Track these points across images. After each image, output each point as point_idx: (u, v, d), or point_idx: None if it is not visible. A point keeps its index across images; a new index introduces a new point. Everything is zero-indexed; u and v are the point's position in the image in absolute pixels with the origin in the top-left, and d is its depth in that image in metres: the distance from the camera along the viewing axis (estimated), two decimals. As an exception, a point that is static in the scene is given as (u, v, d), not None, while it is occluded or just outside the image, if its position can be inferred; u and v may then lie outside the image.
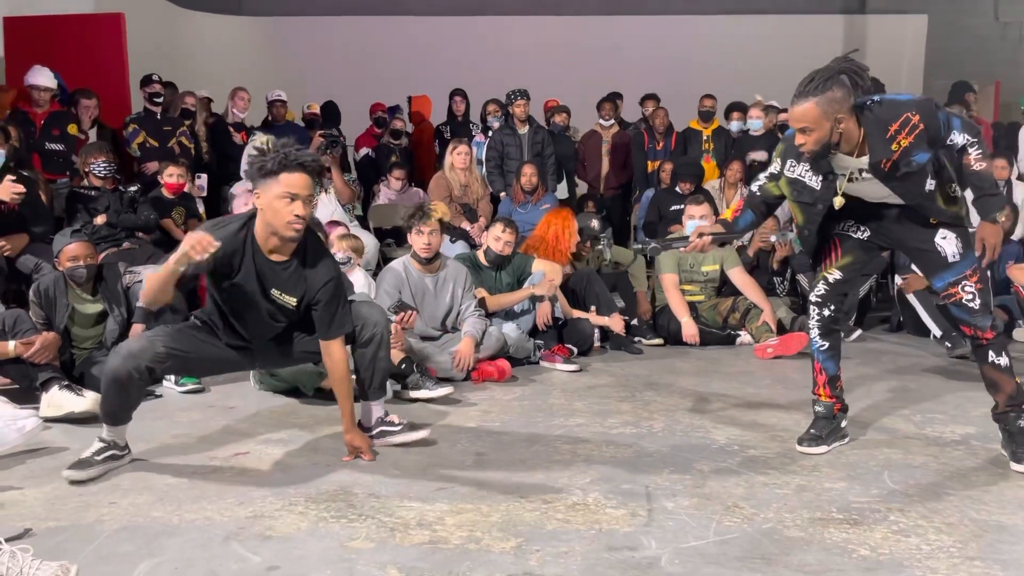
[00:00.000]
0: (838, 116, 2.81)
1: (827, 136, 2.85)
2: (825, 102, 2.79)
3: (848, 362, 4.91)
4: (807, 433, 3.30)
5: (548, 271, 4.98)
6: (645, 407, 3.95)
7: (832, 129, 2.84)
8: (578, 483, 2.92)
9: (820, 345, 3.33)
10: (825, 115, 2.80)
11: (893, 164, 2.88)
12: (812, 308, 3.30)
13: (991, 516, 2.62)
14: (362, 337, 3.21)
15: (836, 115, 2.81)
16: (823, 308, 3.27)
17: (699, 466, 3.09)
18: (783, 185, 3.21)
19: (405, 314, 4.22)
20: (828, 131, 2.84)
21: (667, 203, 6.89)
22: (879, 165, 2.89)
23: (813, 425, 3.34)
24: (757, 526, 2.54)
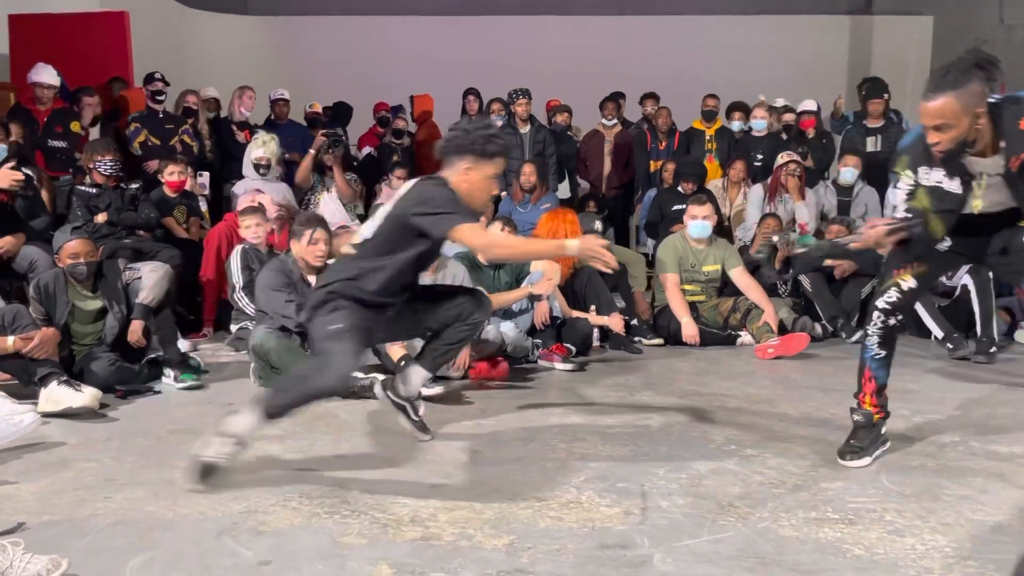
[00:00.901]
0: (976, 111, 2.64)
1: (964, 133, 2.67)
2: (964, 96, 2.61)
3: (847, 362, 4.91)
4: (848, 445, 3.14)
5: (547, 270, 4.97)
6: (643, 407, 3.94)
7: (971, 125, 2.66)
8: (573, 481, 2.91)
9: (875, 353, 3.17)
10: (964, 110, 2.62)
11: (1021, 164, 2.71)
12: (878, 315, 3.11)
13: (987, 517, 2.60)
14: (469, 317, 3.21)
15: (975, 109, 2.64)
16: (890, 316, 3.10)
17: (695, 465, 3.07)
18: (922, 196, 2.94)
19: None
20: (967, 127, 2.66)
21: (669, 203, 6.88)
22: (1009, 165, 2.73)
23: (853, 436, 3.17)
24: (752, 525, 2.53)
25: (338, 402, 3.88)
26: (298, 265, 4.45)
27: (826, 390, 4.26)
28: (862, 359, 3.23)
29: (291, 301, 4.25)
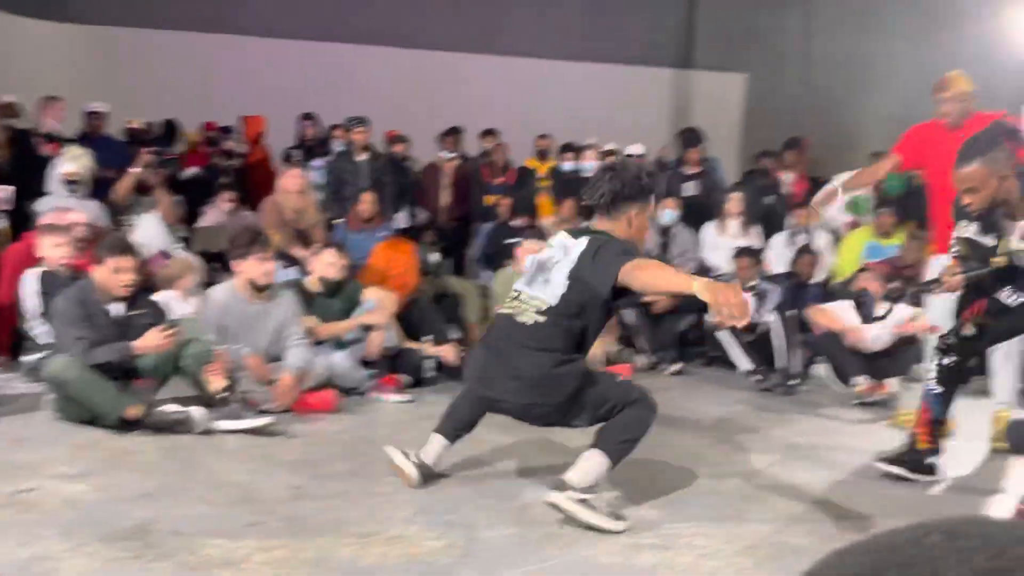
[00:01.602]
0: (1003, 174, 3.01)
1: (992, 194, 3.03)
2: (989, 162, 2.99)
3: (667, 393, 5.15)
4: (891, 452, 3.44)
5: (381, 299, 4.92)
6: (474, 437, 3.92)
7: (999, 187, 3.02)
8: (399, 516, 2.86)
9: (933, 389, 3.37)
10: (991, 174, 2.99)
11: None
12: (935, 352, 3.38)
13: (787, 538, 2.79)
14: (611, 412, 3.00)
15: (1000, 173, 3.01)
16: (944, 356, 3.33)
17: (524, 494, 3.10)
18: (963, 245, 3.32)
19: None
20: (994, 189, 3.02)
21: (504, 236, 7.01)
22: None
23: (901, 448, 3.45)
24: (575, 553, 2.58)
25: (145, 436, 3.62)
26: (98, 292, 4.05)
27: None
28: (923, 392, 3.47)
29: (82, 338, 3.85)
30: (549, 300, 2.98)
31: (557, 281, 2.99)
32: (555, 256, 3.05)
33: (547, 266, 3.07)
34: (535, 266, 3.13)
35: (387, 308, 4.95)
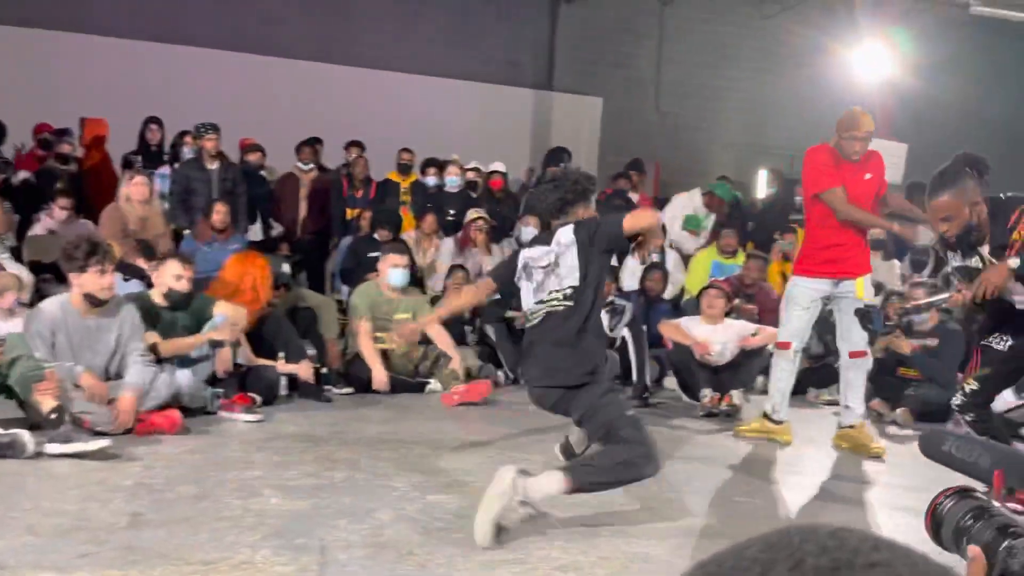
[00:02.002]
0: (972, 201, 3.15)
1: (965, 220, 3.16)
2: (959, 192, 3.14)
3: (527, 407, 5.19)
4: None
5: (230, 314, 4.71)
6: (329, 457, 3.83)
7: (970, 213, 3.16)
8: (247, 540, 2.73)
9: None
10: (962, 203, 3.13)
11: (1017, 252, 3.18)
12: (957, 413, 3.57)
13: (639, 548, 2.86)
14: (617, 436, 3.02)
15: (971, 200, 3.14)
16: (964, 414, 3.49)
17: (378, 515, 3.04)
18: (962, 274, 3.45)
19: None
20: (966, 216, 3.16)
21: (365, 250, 6.90)
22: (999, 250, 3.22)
23: None
24: (430, 572, 2.54)
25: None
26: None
27: (506, 434, 4.47)
28: None
29: None
30: (572, 282, 3.22)
31: (570, 265, 3.23)
32: (552, 253, 3.28)
33: (550, 267, 3.29)
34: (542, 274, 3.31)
35: (237, 323, 4.75)
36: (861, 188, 4.42)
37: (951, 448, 1.06)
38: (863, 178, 4.44)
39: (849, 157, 4.38)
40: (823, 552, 0.36)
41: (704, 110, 12.34)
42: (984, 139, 12.42)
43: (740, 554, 0.38)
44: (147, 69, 9.57)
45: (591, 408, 3.11)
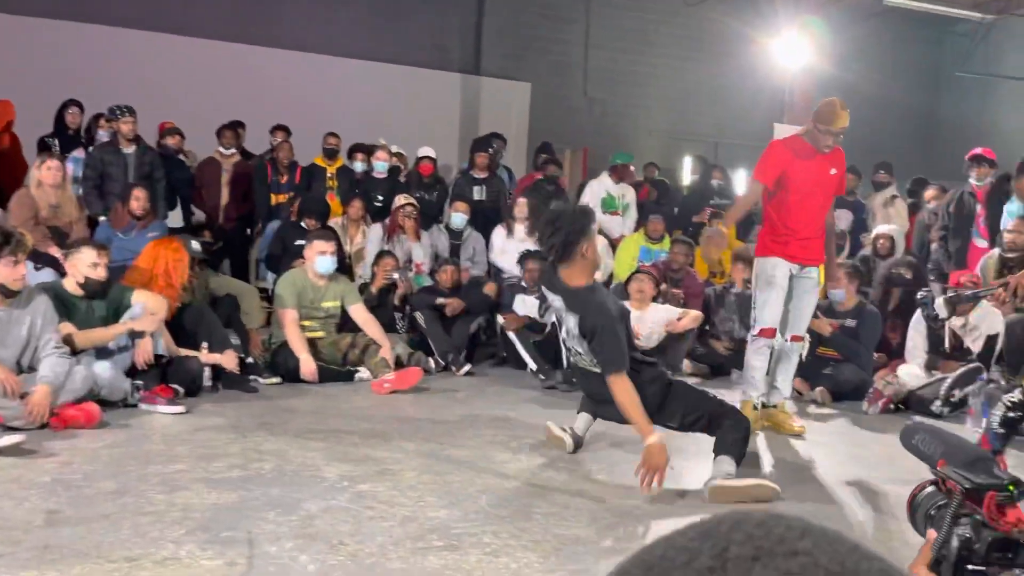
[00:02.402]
0: None
1: None
2: None
3: (457, 394, 5.22)
4: None
5: (150, 303, 4.56)
6: (256, 448, 3.76)
7: None
8: (171, 536, 2.66)
9: (996, 429, 3.52)
10: None
11: None
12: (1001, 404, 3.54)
13: (569, 530, 2.90)
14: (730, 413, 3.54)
15: None
16: (1011, 412, 3.50)
17: (307, 505, 3.00)
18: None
19: None
20: None
21: (291, 236, 6.76)
22: None
23: None
24: (360, 561, 2.52)
25: None
26: None
27: (437, 422, 4.46)
28: (986, 426, 3.68)
29: None
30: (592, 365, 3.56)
31: (584, 349, 3.55)
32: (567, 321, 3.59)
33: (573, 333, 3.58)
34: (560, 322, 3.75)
35: (157, 313, 4.61)
36: (825, 181, 4.44)
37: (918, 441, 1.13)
38: (828, 172, 4.44)
39: (820, 149, 4.37)
40: (747, 540, 0.37)
41: (630, 96, 12.48)
42: (897, 126, 12.93)
43: (672, 542, 0.38)
44: (62, 50, 9.16)
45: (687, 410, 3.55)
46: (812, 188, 4.42)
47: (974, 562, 0.93)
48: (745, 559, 0.36)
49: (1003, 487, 0.96)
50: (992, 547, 0.93)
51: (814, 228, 4.51)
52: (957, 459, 1.05)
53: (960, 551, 0.93)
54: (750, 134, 11.57)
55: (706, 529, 0.38)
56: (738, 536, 0.37)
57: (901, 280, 6.09)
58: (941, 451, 1.07)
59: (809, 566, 0.35)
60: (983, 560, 0.93)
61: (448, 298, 6.18)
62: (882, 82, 12.07)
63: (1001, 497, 0.95)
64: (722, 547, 0.37)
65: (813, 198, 4.45)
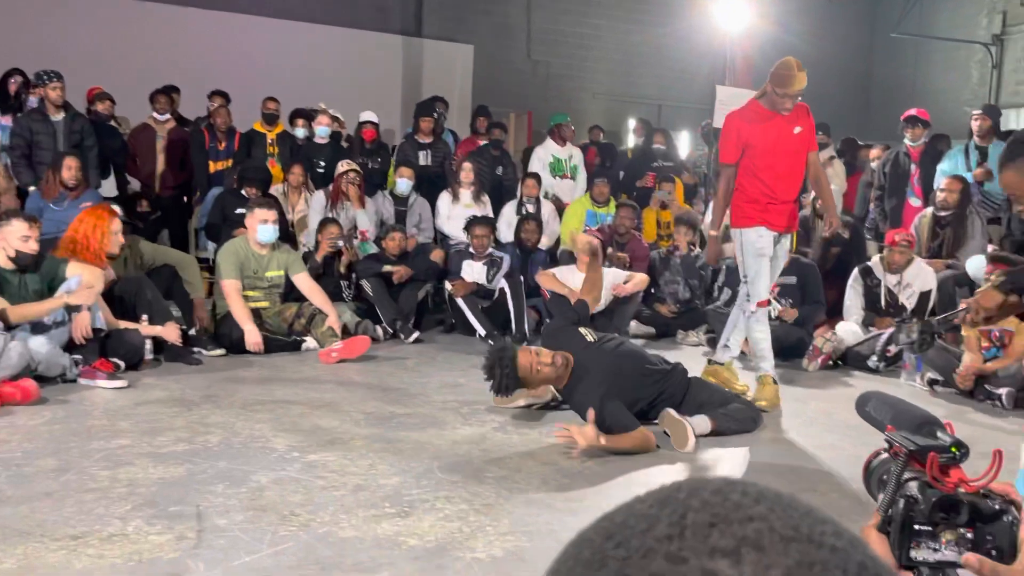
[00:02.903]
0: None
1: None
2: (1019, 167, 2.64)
3: (406, 362, 5.20)
4: None
5: (86, 276, 4.43)
6: (202, 421, 3.71)
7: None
8: (117, 512, 2.62)
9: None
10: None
11: None
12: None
13: (522, 493, 2.94)
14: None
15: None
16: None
17: (256, 477, 2.97)
18: None
19: None
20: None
21: (232, 205, 6.61)
22: None
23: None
24: (313, 531, 2.52)
25: None
26: None
27: (386, 389, 4.45)
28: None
29: None
30: None
31: None
32: None
33: None
34: None
35: (94, 285, 4.48)
36: (790, 142, 4.34)
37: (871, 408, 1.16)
38: (792, 132, 4.34)
39: (779, 111, 4.28)
40: (704, 507, 0.38)
41: (574, 59, 12.43)
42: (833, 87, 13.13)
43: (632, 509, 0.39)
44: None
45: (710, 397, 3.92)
46: (778, 151, 4.33)
47: (919, 521, 0.97)
48: (702, 525, 0.37)
49: (946, 449, 1.00)
50: (936, 506, 0.96)
51: (791, 193, 4.41)
52: (904, 424, 1.08)
53: (906, 511, 0.97)
54: (693, 96, 11.65)
55: (665, 496, 0.39)
56: (695, 503, 0.38)
57: (839, 240, 6.24)
58: (890, 416, 1.11)
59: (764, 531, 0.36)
60: (927, 519, 0.97)
61: (395, 265, 6.13)
62: (819, 44, 12.23)
63: (944, 458, 0.99)
64: (680, 514, 0.37)
65: (782, 161, 4.35)
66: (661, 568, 0.35)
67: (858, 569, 0.35)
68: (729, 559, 0.35)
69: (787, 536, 0.36)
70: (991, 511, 0.97)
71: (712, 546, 0.35)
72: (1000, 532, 0.97)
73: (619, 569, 0.36)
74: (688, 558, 0.35)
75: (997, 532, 0.97)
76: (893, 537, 0.98)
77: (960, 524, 0.97)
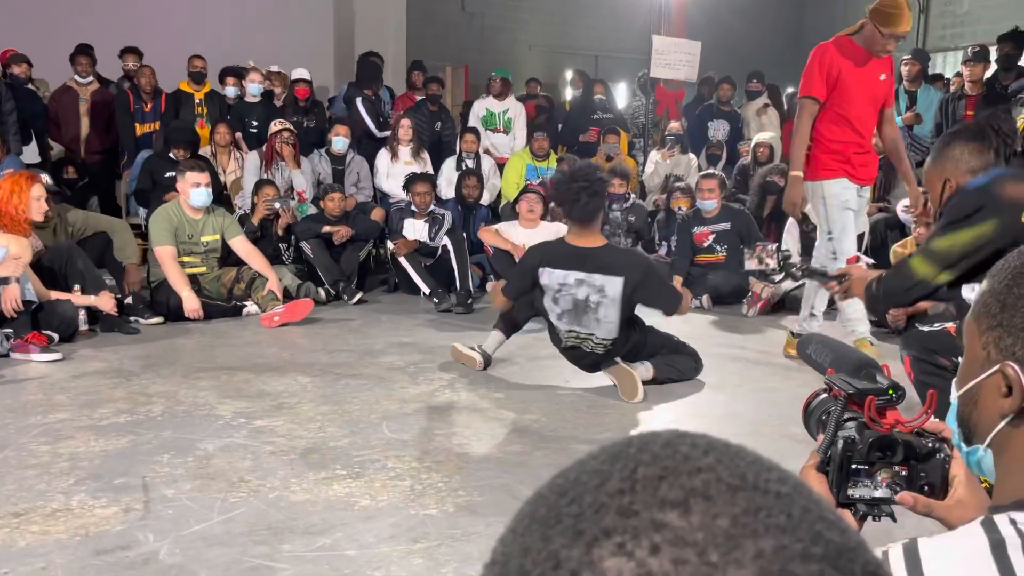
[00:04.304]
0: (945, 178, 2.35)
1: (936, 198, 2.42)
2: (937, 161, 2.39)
3: (351, 323, 5.17)
4: None
5: (12, 247, 4.27)
6: (143, 391, 3.64)
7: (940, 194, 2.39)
8: (59, 487, 2.56)
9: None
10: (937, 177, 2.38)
11: None
12: None
13: (471, 449, 2.96)
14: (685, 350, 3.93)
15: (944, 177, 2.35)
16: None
17: (203, 445, 2.94)
18: None
19: None
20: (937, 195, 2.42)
21: (161, 169, 6.41)
22: None
23: None
24: (263, 496, 2.51)
25: None
26: None
27: (331, 351, 4.41)
28: None
29: None
30: (610, 335, 3.69)
31: (610, 319, 3.67)
32: (592, 295, 3.64)
33: (590, 307, 3.66)
34: (572, 305, 3.68)
35: (21, 256, 4.32)
36: (875, 88, 3.98)
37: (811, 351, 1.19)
38: (879, 78, 3.97)
39: (876, 53, 3.88)
40: (654, 460, 0.38)
41: (509, 10, 12.26)
42: (766, 35, 13.25)
43: (584, 465, 0.40)
44: None
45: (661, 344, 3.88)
46: (865, 96, 3.95)
47: (856, 461, 1.00)
48: (652, 479, 0.37)
49: (883, 391, 1.03)
50: (872, 446, 1.00)
51: (870, 142, 4.07)
52: (844, 367, 1.12)
53: (844, 452, 1.00)
54: (629, 47, 11.62)
55: (616, 452, 0.39)
56: (645, 457, 0.38)
57: (775, 187, 6.35)
58: (830, 360, 1.14)
59: (712, 481, 0.37)
60: (864, 459, 1.00)
61: (335, 225, 6.04)
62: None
63: (881, 401, 1.02)
64: (631, 469, 0.38)
65: (868, 108, 3.99)
66: (613, 522, 0.36)
67: (801, 512, 0.37)
68: (678, 510, 0.36)
69: (734, 485, 0.37)
70: (925, 449, 1.01)
71: (662, 498, 0.36)
72: (932, 469, 1.01)
73: (573, 525, 0.36)
74: (639, 511, 0.36)
75: (930, 469, 1.01)
76: (831, 476, 1.02)
77: (895, 463, 1.01)
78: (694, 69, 8.24)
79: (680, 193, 6.57)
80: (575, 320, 3.70)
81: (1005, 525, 0.77)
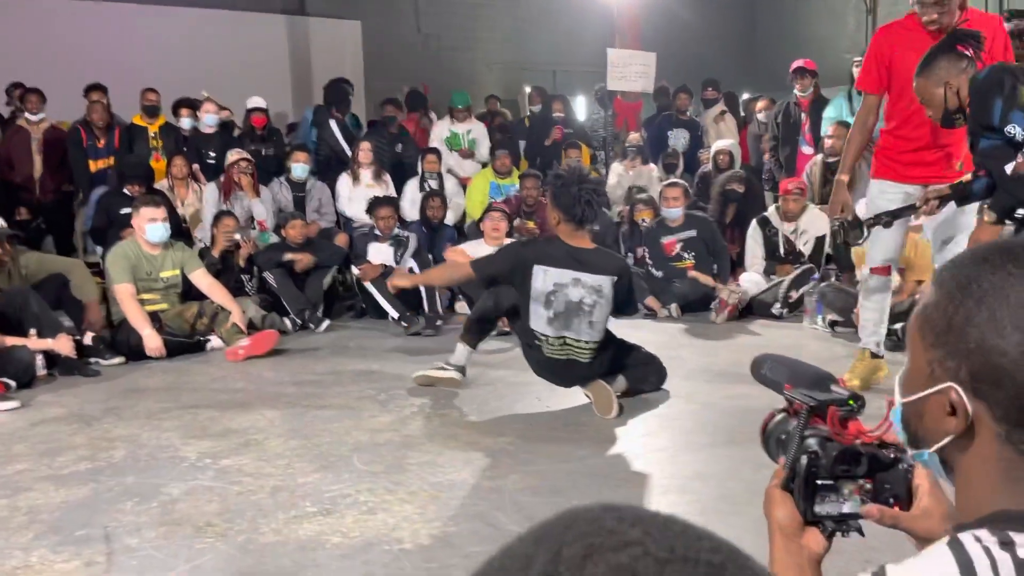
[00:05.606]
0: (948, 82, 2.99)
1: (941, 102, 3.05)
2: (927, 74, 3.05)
3: (318, 352, 5.09)
4: None
5: (-39, 295, 4.14)
6: (104, 436, 3.53)
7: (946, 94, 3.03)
8: (18, 542, 2.46)
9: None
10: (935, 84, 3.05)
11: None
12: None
13: (445, 476, 2.90)
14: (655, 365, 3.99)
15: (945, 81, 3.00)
16: None
17: (167, 490, 2.85)
18: None
19: None
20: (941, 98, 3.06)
21: (117, 206, 6.29)
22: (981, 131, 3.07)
23: None
24: (231, 540, 2.43)
25: None
26: None
27: (299, 382, 4.33)
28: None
29: None
30: (597, 336, 3.66)
31: (600, 319, 3.65)
32: (586, 298, 3.61)
33: (583, 309, 3.62)
34: (565, 307, 3.61)
35: (-27, 303, 4.19)
36: None
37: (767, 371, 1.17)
38: None
39: (926, 27, 3.40)
40: (579, 539, 0.37)
41: (465, 29, 12.28)
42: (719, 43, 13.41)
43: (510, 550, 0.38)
44: None
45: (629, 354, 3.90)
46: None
47: (821, 476, 0.98)
48: (577, 559, 0.36)
49: (844, 402, 1.01)
50: (837, 459, 0.98)
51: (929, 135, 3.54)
52: (802, 381, 1.09)
53: (808, 466, 0.98)
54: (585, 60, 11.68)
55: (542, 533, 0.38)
56: (570, 536, 0.37)
57: (735, 195, 6.40)
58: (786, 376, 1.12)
59: (639, 556, 0.35)
60: (829, 473, 0.98)
61: (297, 253, 5.96)
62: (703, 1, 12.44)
63: (843, 411, 1.00)
64: (555, 550, 0.36)
65: None
66: None
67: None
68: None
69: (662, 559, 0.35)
70: (888, 460, 0.99)
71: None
72: (896, 480, 0.99)
73: None
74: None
75: (893, 480, 0.99)
76: (797, 493, 0.99)
77: (860, 475, 0.99)
78: (650, 80, 8.29)
79: (643, 205, 6.58)
80: (565, 325, 3.61)
81: (971, 543, 0.76)
